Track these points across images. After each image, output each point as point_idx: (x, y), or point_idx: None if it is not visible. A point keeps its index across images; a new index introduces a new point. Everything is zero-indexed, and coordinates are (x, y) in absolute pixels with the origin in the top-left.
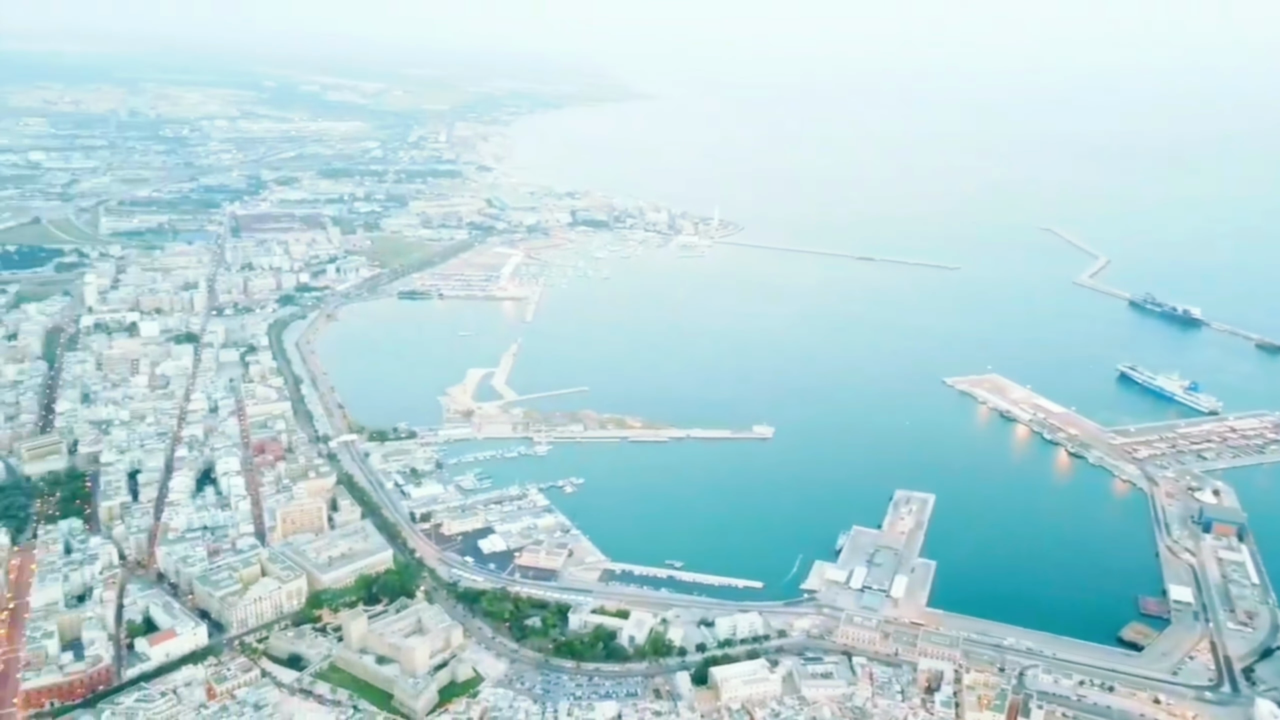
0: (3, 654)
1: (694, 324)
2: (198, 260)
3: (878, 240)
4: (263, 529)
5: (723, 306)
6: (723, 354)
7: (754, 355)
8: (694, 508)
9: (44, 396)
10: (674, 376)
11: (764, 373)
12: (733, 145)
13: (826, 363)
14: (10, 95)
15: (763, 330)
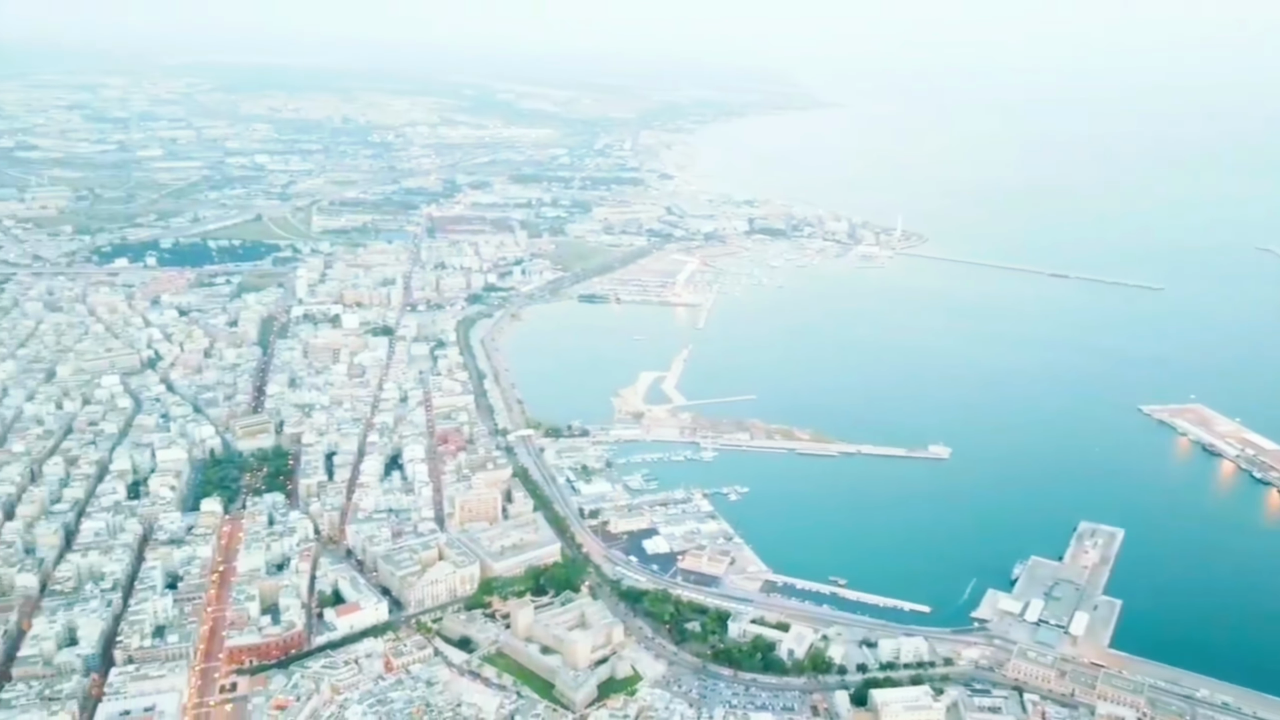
0: (213, 612)
1: (869, 337)
2: (396, 258)
3: (1072, 256)
4: (442, 515)
5: (901, 320)
6: (899, 369)
7: (933, 372)
8: (861, 525)
9: (257, 379)
10: (846, 390)
11: (943, 391)
12: (920, 155)
13: (1010, 383)
14: (242, 103)
15: (943, 346)
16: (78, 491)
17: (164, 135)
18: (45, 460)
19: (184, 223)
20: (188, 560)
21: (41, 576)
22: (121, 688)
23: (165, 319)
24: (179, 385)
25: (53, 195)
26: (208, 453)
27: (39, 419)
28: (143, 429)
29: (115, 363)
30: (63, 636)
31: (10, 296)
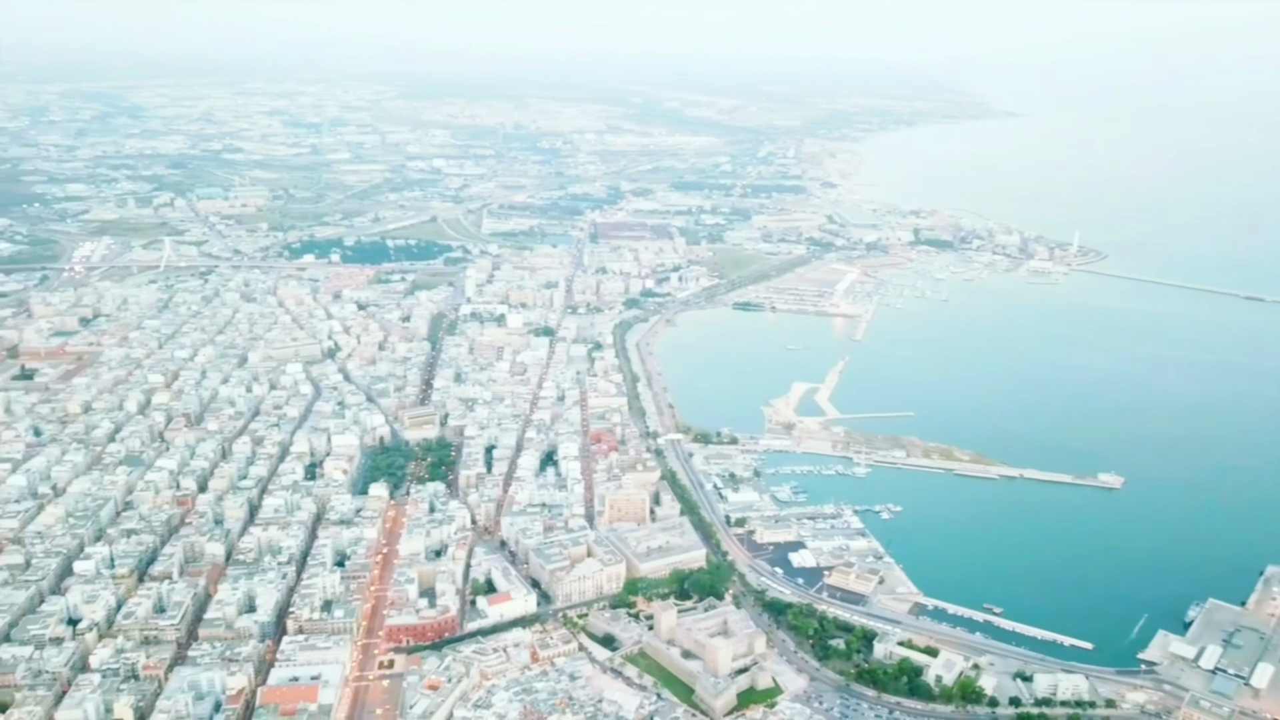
0: (375, 591)
1: (1038, 356)
2: (560, 262)
3: (1270, 278)
4: (592, 513)
5: (1073, 339)
6: (1070, 392)
7: (1107, 397)
8: (1021, 553)
9: (426, 373)
10: (1010, 411)
11: (1118, 417)
12: (1102, 169)
13: (1194, 412)
14: (424, 110)
15: (1120, 370)
16: (262, 470)
17: (352, 140)
18: (235, 439)
19: (366, 222)
20: (355, 540)
21: (228, 546)
22: (291, 655)
23: (345, 312)
24: (355, 375)
25: (253, 195)
26: (378, 440)
27: (231, 400)
28: (321, 415)
29: (299, 352)
30: (243, 603)
31: (213, 286)
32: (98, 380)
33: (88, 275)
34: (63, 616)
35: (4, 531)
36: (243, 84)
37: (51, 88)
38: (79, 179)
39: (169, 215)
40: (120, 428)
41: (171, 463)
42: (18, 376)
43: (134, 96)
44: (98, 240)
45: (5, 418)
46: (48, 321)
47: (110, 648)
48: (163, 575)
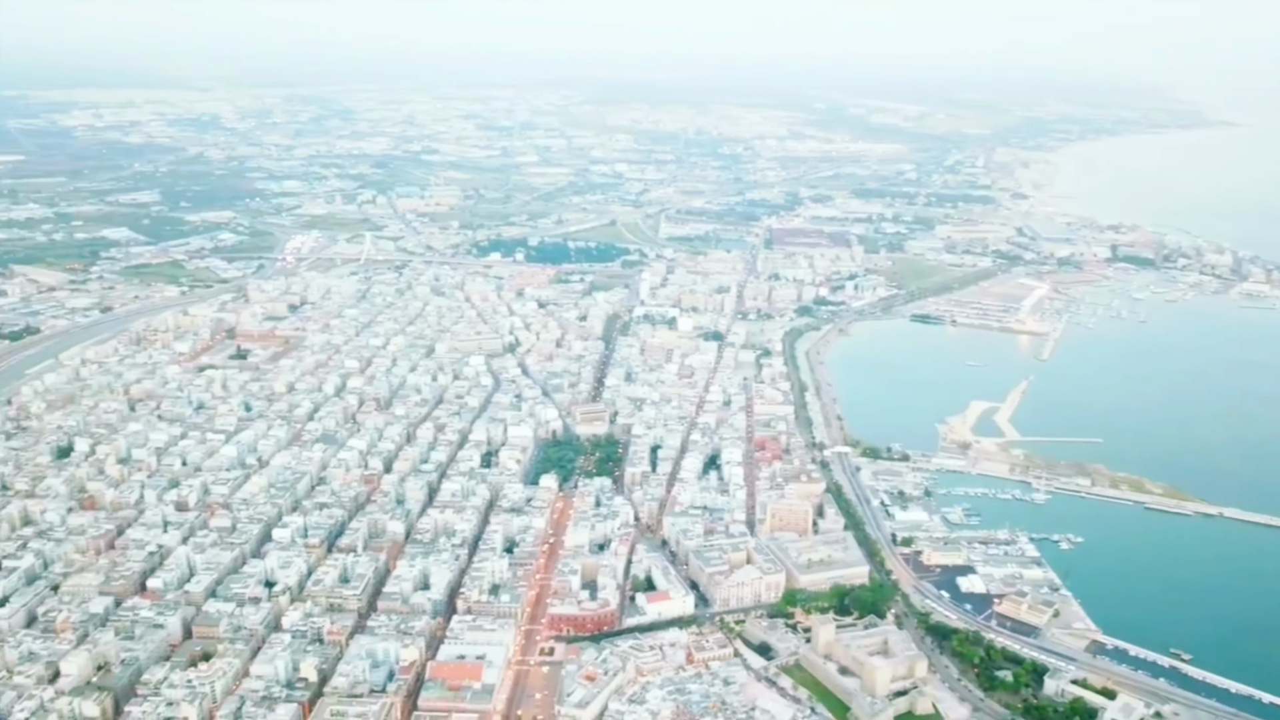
0: (540, 579)
1: (1247, 388)
2: (733, 267)
3: None
4: (753, 520)
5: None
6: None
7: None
8: (1216, 597)
9: (598, 371)
10: (1212, 444)
11: None
12: None
13: None
14: (609, 115)
15: None
16: (442, 455)
17: (540, 143)
18: (419, 425)
19: (549, 224)
20: (524, 529)
21: (407, 525)
22: (460, 634)
23: (526, 310)
24: (532, 370)
25: (446, 194)
26: (550, 433)
27: (418, 388)
28: (498, 406)
29: (482, 345)
30: (418, 580)
31: (406, 280)
32: (301, 363)
33: (297, 265)
34: (261, 579)
35: (216, 497)
36: (442, 89)
37: (275, 92)
38: (294, 176)
39: (371, 212)
40: (319, 408)
41: (361, 443)
42: (234, 356)
43: (346, 100)
44: (307, 233)
45: (222, 393)
46: (261, 307)
47: (300, 611)
48: (348, 548)
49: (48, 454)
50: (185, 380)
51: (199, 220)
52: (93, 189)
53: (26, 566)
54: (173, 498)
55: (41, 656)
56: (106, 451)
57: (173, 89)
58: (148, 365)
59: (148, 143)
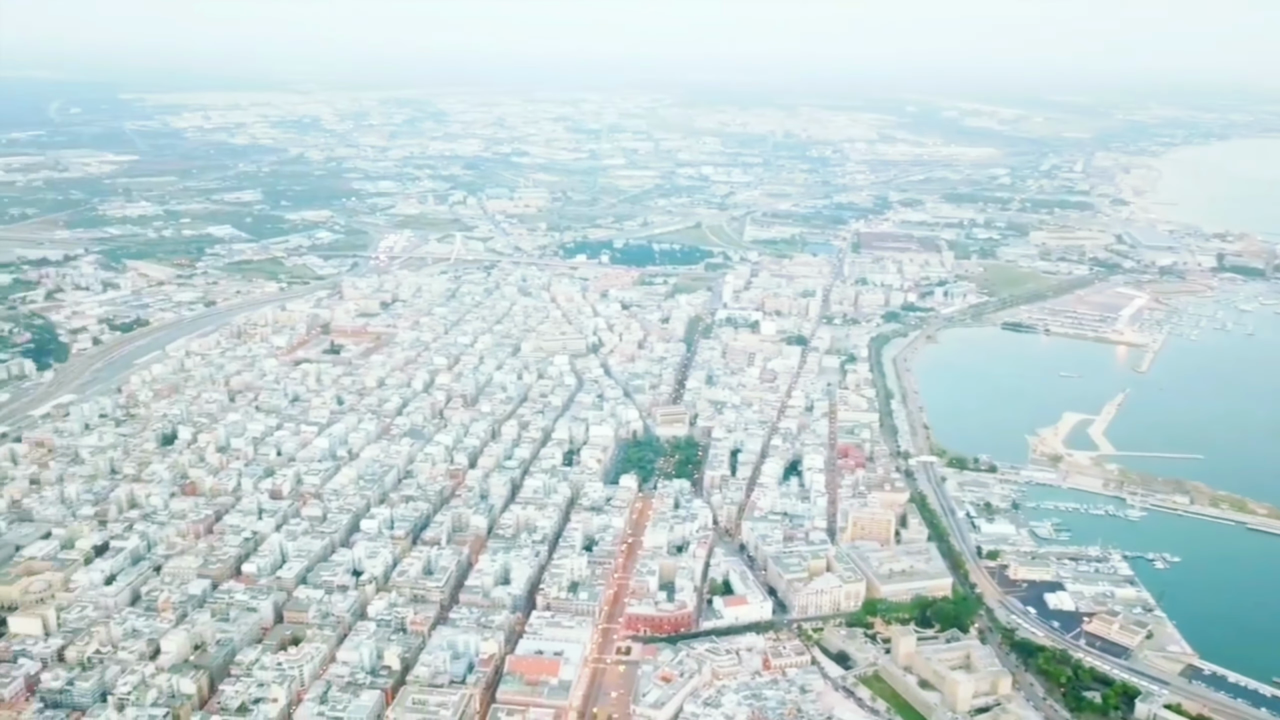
0: (619, 578)
1: None
2: (819, 271)
3: None
4: (834, 528)
5: None
6: None
7: None
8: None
9: (679, 373)
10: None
11: None
12: None
13: None
14: (697, 118)
15: None
16: (525, 452)
17: (627, 146)
18: (504, 422)
19: (635, 226)
20: (603, 528)
21: (490, 520)
22: (538, 630)
23: (610, 311)
24: (615, 370)
25: (535, 196)
26: (631, 434)
27: (503, 386)
28: (581, 405)
29: (566, 345)
30: (500, 575)
31: (494, 280)
32: (392, 359)
33: (390, 264)
34: (349, 567)
35: (308, 486)
36: (534, 92)
37: (372, 94)
38: (389, 177)
39: (461, 212)
40: (407, 403)
41: (448, 439)
42: (328, 351)
43: (440, 103)
44: (400, 233)
45: (316, 386)
46: (355, 304)
47: (385, 601)
48: (433, 540)
49: (153, 441)
50: (282, 373)
51: (298, 219)
52: (200, 188)
53: (132, 547)
54: (267, 486)
55: (144, 634)
56: (207, 440)
57: (276, 92)
58: (247, 358)
59: (252, 144)
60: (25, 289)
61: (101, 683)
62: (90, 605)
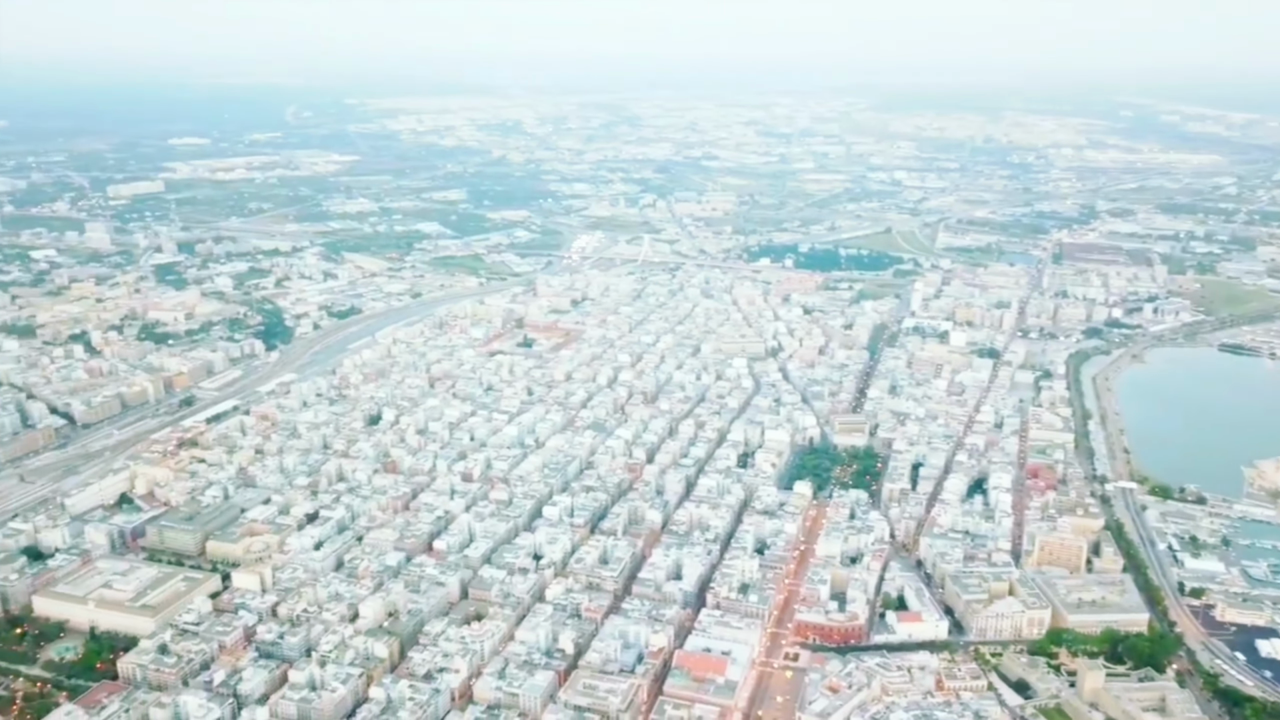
0: (789, 584)
1: None
2: (1015, 282)
3: None
4: (1019, 551)
5: None
6: None
7: None
8: None
9: (861, 381)
10: None
11: None
12: None
13: None
14: (892, 122)
15: None
16: (700, 451)
17: (818, 150)
18: (681, 421)
19: (821, 230)
20: (775, 532)
21: (665, 516)
22: (707, 628)
23: (791, 315)
24: (793, 375)
25: (722, 199)
26: (807, 440)
27: (682, 385)
28: (757, 409)
29: (746, 348)
30: (671, 570)
31: (679, 281)
32: (579, 354)
33: (581, 263)
34: (530, 551)
35: (497, 471)
36: (726, 96)
37: (571, 99)
38: (584, 179)
39: (650, 215)
40: (591, 397)
41: (628, 433)
42: (521, 344)
43: (635, 107)
44: (592, 234)
45: (508, 377)
46: (548, 300)
47: (562, 586)
48: (609, 531)
49: (361, 420)
50: (478, 363)
51: (498, 218)
52: (412, 187)
53: (338, 517)
54: (460, 469)
55: (345, 598)
56: (408, 422)
57: (483, 96)
58: (447, 347)
59: (459, 146)
60: (259, 276)
61: (307, 639)
62: (300, 568)
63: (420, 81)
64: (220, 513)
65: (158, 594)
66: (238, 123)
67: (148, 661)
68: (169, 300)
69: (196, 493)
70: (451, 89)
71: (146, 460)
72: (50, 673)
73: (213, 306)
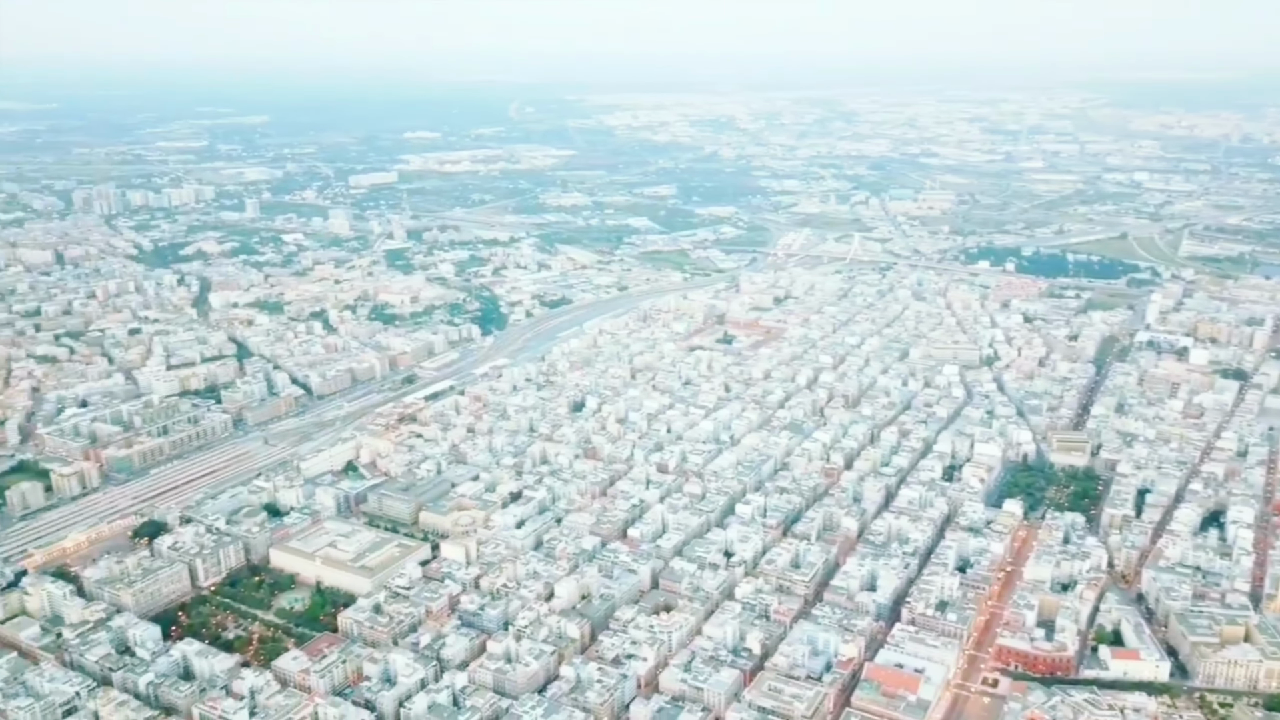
0: (991, 606)
1: None
2: (1270, 296)
3: None
4: (1259, 594)
5: None
6: None
7: None
8: None
9: (1084, 397)
10: None
11: None
12: None
13: None
14: (1133, 119)
15: None
16: (903, 461)
17: (1048, 148)
18: (884, 428)
19: (1048, 234)
20: (980, 551)
21: (861, 524)
22: (900, 643)
23: (1010, 323)
24: (1009, 387)
25: (940, 198)
26: (1020, 456)
27: (887, 391)
28: (968, 420)
29: (958, 355)
30: (866, 580)
31: (889, 282)
32: (779, 353)
33: (786, 261)
34: (721, 547)
35: (691, 465)
36: (949, 92)
37: (785, 95)
38: (794, 176)
39: (862, 213)
40: (789, 397)
41: (826, 437)
42: (721, 340)
43: (851, 103)
44: (799, 231)
45: (707, 372)
46: (750, 297)
47: (752, 585)
48: (803, 535)
49: (565, 406)
50: (678, 357)
51: (706, 214)
52: (624, 181)
53: (540, 498)
54: (656, 460)
55: (542, 576)
56: (609, 411)
57: (697, 93)
58: (649, 340)
59: (671, 141)
60: (478, 265)
61: (505, 613)
62: (503, 544)
63: (637, 78)
64: (433, 485)
65: (375, 556)
66: (465, 118)
67: (364, 619)
68: (397, 284)
69: (413, 465)
70: (666, 86)
71: (371, 432)
72: (281, 619)
73: (435, 291)
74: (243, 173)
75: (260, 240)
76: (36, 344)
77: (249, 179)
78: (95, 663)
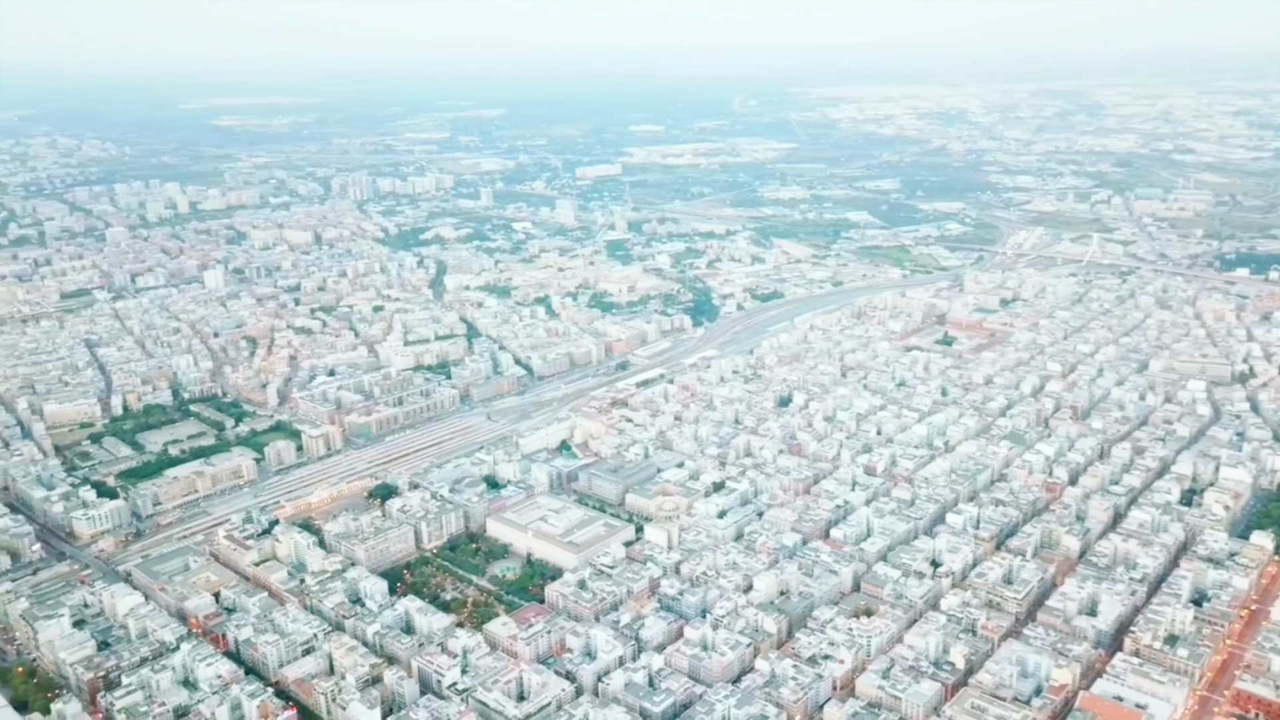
0: (1231, 645)
1: None
2: None
3: None
4: None
5: None
6: None
7: None
8: None
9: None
10: None
11: None
12: None
13: None
14: None
15: None
16: (1135, 480)
17: None
18: (1116, 443)
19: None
20: (1220, 584)
21: (1084, 544)
22: (1122, 675)
23: (1270, 337)
24: (1264, 408)
25: (1194, 198)
26: (1275, 485)
27: (1121, 404)
28: (1214, 441)
29: (1206, 369)
30: (1085, 604)
31: (1129, 288)
32: (1003, 358)
33: (1016, 261)
34: (928, 556)
35: (901, 469)
36: (1212, 83)
37: (1024, 86)
38: (1028, 171)
39: (1103, 212)
40: (1012, 405)
41: (1049, 449)
42: (940, 341)
43: (1097, 95)
44: (1031, 229)
45: (923, 374)
46: (974, 298)
47: (959, 598)
48: (1017, 550)
49: (772, 400)
50: (892, 357)
51: (930, 209)
52: (845, 175)
53: (743, 491)
54: (863, 461)
55: (741, 568)
56: (817, 408)
57: (928, 85)
58: (862, 338)
59: (897, 135)
60: (693, 257)
61: (704, 601)
62: (704, 533)
63: (866, 71)
64: (640, 469)
65: (582, 534)
66: (689, 112)
67: (569, 593)
68: (616, 274)
69: (622, 448)
70: (895, 78)
71: (584, 414)
72: (494, 586)
73: (651, 282)
74: (479, 163)
75: (492, 227)
76: (295, 316)
77: (484, 169)
78: (331, 609)
